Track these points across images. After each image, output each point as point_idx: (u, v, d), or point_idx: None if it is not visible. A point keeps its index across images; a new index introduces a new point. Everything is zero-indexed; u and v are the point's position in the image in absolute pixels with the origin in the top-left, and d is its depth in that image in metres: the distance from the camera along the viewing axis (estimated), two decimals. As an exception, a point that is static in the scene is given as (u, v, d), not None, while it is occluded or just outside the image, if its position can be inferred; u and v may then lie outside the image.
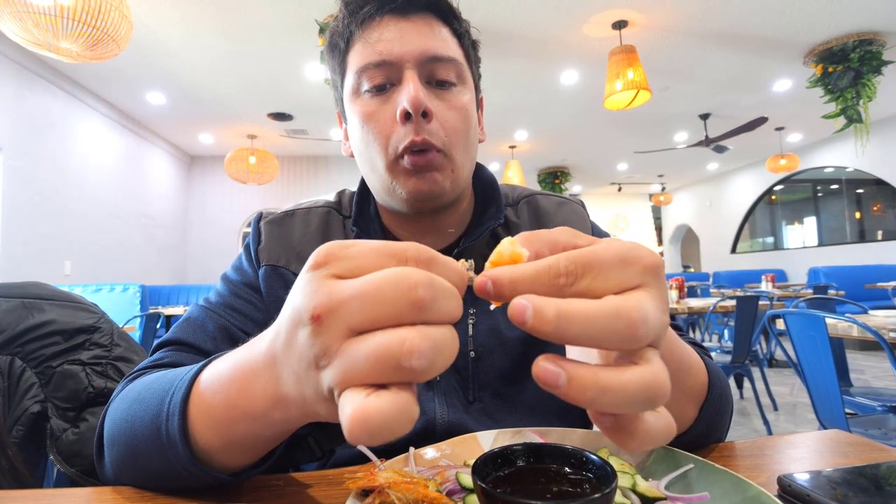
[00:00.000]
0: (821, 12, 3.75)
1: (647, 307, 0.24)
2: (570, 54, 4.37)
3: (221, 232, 7.53)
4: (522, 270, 0.25)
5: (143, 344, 3.13)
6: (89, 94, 5.04)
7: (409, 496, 0.32)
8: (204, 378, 0.36)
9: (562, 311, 0.23)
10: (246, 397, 0.31)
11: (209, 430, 0.35)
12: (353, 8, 0.57)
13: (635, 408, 0.23)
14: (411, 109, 0.53)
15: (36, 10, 2.26)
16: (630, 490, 0.34)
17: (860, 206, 7.84)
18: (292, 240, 0.64)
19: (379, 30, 0.56)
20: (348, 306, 0.23)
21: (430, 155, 0.55)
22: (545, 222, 0.68)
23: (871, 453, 0.45)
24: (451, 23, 0.59)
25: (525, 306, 0.23)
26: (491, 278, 0.25)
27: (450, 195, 0.60)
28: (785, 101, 5.61)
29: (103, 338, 0.74)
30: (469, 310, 0.60)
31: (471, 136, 0.60)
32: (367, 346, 0.22)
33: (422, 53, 0.55)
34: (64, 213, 4.68)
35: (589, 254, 0.25)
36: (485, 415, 0.58)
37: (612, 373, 0.23)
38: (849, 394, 1.99)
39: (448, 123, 0.56)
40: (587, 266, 0.25)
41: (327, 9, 3.59)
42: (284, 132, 6.30)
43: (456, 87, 0.58)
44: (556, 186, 8.47)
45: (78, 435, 0.67)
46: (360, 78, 0.57)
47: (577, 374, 0.23)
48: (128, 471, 0.42)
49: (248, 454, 0.37)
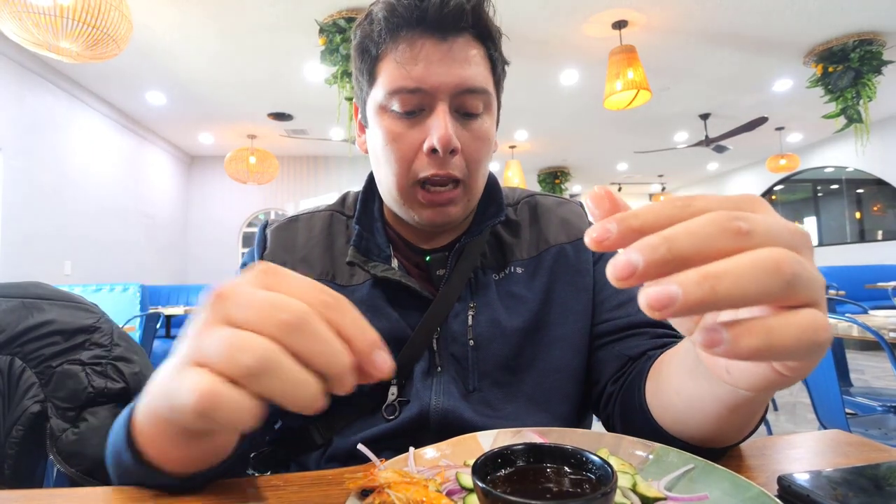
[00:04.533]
0: (821, 12, 3.75)
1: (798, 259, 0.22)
2: (570, 54, 4.37)
3: (221, 232, 7.53)
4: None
5: (143, 344, 3.14)
6: (89, 94, 5.04)
7: (409, 496, 0.32)
8: (136, 420, 0.37)
9: (709, 272, 0.20)
10: (158, 439, 0.36)
11: (153, 450, 0.37)
12: (394, 23, 0.55)
13: (803, 349, 0.22)
14: (440, 148, 0.54)
15: (36, 10, 2.26)
16: (630, 490, 0.34)
17: (860, 206, 7.84)
18: (297, 244, 0.65)
19: (416, 51, 0.54)
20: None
21: (449, 194, 0.57)
22: (544, 220, 0.69)
23: (871, 453, 0.45)
24: (488, 47, 0.59)
25: (668, 288, 0.20)
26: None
27: (461, 219, 0.62)
28: (785, 101, 5.60)
29: (103, 338, 0.74)
30: (470, 303, 0.61)
31: (488, 158, 0.61)
32: (224, 337, 0.25)
33: (457, 86, 0.55)
34: (64, 213, 4.68)
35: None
36: (484, 404, 0.59)
37: (779, 316, 0.21)
38: (849, 394, 1.99)
39: (471, 155, 0.58)
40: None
41: (327, 9, 3.59)
42: (284, 132, 6.30)
43: (481, 116, 0.59)
44: (556, 186, 8.47)
45: (78, 435, 0.67)
46: (391, 98, 0.56)
47: (738, 325, 0.21)
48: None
49: (196, 465, 0.38)
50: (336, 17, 3.62)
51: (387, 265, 0.62)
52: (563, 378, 0.61)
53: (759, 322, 0.21)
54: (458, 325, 0.60)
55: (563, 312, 0.63)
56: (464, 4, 0.54)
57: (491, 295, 0.62)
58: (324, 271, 0.63)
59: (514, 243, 0.66)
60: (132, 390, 0.74)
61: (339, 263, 0.64)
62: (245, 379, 0.24)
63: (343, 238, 0.66)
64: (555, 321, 0.62)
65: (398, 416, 0.57)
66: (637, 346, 0.59)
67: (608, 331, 0.62)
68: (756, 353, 0.21)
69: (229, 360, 0.24)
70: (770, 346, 0.21)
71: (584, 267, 0.66)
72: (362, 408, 0.58)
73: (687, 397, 0.42)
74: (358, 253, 0.63)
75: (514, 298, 0.63)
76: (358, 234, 0.63)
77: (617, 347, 0.61)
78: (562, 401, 0.61)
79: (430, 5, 0.53)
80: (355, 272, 0.63)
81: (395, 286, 0.61)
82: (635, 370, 0.56)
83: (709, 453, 0.40)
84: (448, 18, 0.53)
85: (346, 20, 3.58)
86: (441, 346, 0.60)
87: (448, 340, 0.60)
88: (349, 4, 3.56)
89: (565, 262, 0.65)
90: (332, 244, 0.65)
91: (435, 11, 0.53)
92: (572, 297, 0.64)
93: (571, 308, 0.63)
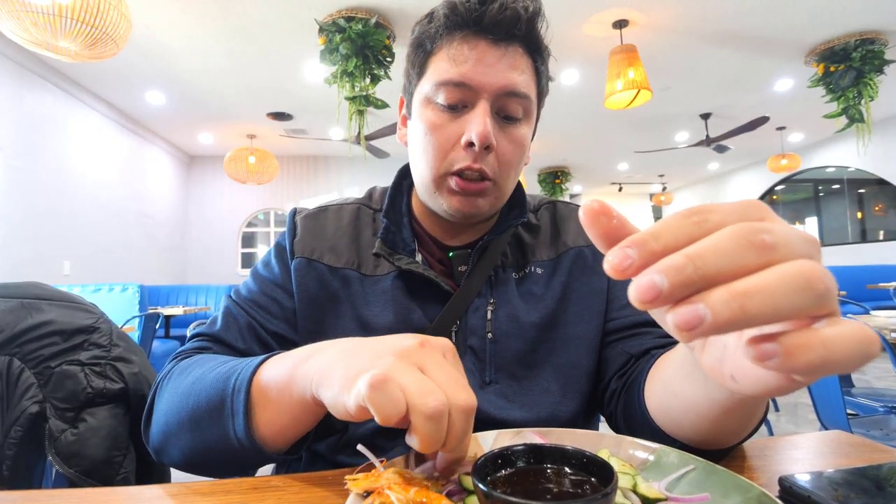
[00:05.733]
0: (822, 11, 3.75)
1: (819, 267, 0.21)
2: (571, 54, 4.37)
3: (221, 232, 7.53)
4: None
5: (142, 344, 3.13)
6: (89, 94, 5.04)
7: (409, 497, 0.31)
8: (264, 373, 0.45)
9: (738, 290, 0.20)
10: (291, 396, 0.42)
11: (264, 410, 0.44)
12: (453, 21, 0.58)
13: (857, 361, 0.21)
14: (477, 142, 0.56)
15: (34, 10, 2.26)
16: (631, 491, 0.34)
17: (862, 206, 7.83)
18: (326, 234, 0.68)
19: (469, 50, 0.57)
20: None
21: (480, 185, 0.59)
22: (564, 225, 0.72)
23: (872, 454, 0.45)
24: (535, 60, 0.61)
25: (696, 308, 0.20)
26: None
27: (487, 215, 0.64)
28: (786, 101, 5.60)
29: (102, 338, 0.74)
30: (490, 298, 0.64)
31: (521, 165, 0.63)
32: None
33: (501, 88, 0.57)
34: (63, 213, 4.68)
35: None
36: (500, 396, 0.61)
37: (828, 328, 0.21)
38: (850, 394, 1.99)
39: (505, 157, 0.60)
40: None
41: (327, 8, 3.59)
42: (284, 132, 6.30)
43: (520, 121, 0.61)
44: (556, 186, 8.46)
45: (77, 436, 0.67)
46: (437, 90, 0.59)
47: (792, 339, 0.20)
48: (178, 440, 0.49)
49: (291, 432, 0.45)
50: (336, 16, 3.62)
51: (411, 259, 0.64)
52: (578, 375, 0.63)
53: (813, 335, 0.20)
54: (477, 319, 0.63)
55: (579, 312, 0.65)
56: (521, 13, 0.57)
57: (510, 292, 0.65)
58: (350, 260, 0.65)
59: (534, 245, 0.69)
60: (131, 391, 0.74)
61: (364, 254, 0.66)
62: (417, 414, 0.32)
63: (369, 230, 0.68)
64: (571, 319, 0.65)
65: None
66: (640, 345, 0.60)
67: (614, 329, 0.64)
68: (811, 368, 0.20)
69: (419, 396, 0.32)
70: (825, 360, 0.20)
71: (600, 269, 0.67)
72: None
73: (684, 400, 0.42)
74: (384, 245, 0.65)
75: (533, 296, 0.65)
76: (385, 228, 0.66)
77: (621, 345, 0.63)
78: (574, 397, 0.63)
79: (490, 8, 0.56)
80: (380, 263, 0.65)
81: (417, 279, 0.63)
82: (638, 368, 0.57)
83: (710, 454, 0.40)
84: (504, 22, 0.57)
85: (345, 20, 3.58)
86: (460, 339, 0.62)
87: (467, 333, 0.62)
88: (349, 4, 3.56)
89: (583, 264, 0.68)
90: (359, 235, 0.68)
91: (493, 15, 0.56)
92: (588, 298, 0.66)
93: (587, 307, 0.65)
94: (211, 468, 0.50)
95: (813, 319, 0.21)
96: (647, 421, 0.49)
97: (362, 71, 3.67)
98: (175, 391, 0.51)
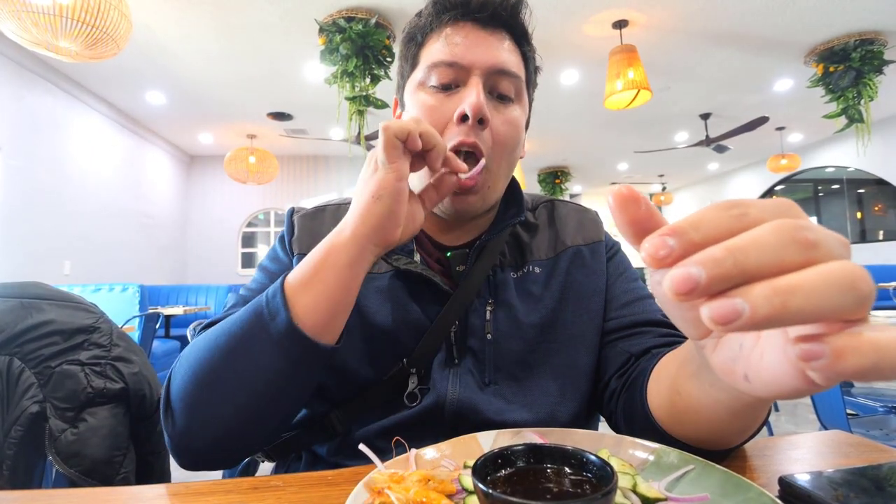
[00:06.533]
0: (822, 12, 3.75)
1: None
2: (570, 54, 4.37)
3: (221, 232, 7.52)
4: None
5: (142, 344, 3.13)
6: (89, 94, 5.03)
7: (409, 496, 0.31)
8: (291, 275, 0.49)
9: (781, 287, 0.19)
10: (325, 263, 0.48)
11: (302, 295, 0.47)
12: (440, 8, 0.61)
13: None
14: (470, 113, 0.56)
15: (35, 10, 2.26)
16: (630, 490, 0.34)
17: (861, 206, 7.83)
18: (323, 232, 0.68)
19: (458, 33, 0.60)
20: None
21: (469, 181, 0.59)
22: (561, 223, 0.71)
23: (872, 454, 0.45)
24: (522, 45, 0.64)
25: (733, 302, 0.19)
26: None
27: (480, 211, 0.64)
28: (786, 101, 5.60)
29: (102, 338, 0.74)
30: (489, 299, 0.64)
31: (515, 151, 0.64)
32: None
33: (492, 66, 0.59)
34: (63, 213, 4.68)
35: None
36: (500, 397, 0.61)
37: (874, 332, 0.20)
38: (850, 394, 1.99)
39: (499, 135, 0.60)
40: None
41: (327, 8, 3.59)
42: (284, 132, 6.29)
43: (513, 102, 0.62)
44: (556, 186, 8.46)
45: (77, 435, 0.67)
46: (429, 72, 0.61)
47: (841, 340, 0.19)
48: (213, 393, 0.48)
49: (333, 309, 0.48)
50: (336, 16, 3.62)
51: (409, 258, 0.64)
52: (577, 375, 0.63)
53: (863, 338, 0.19)
54: (476, 319, 0.63)
55: (578, 312, 0.65)
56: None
57: (509, 292, 0.65)
58: None
59: (532, 244, 0.69)
60: (131, 390, 0.74)
61: None
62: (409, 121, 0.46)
63: None
64: (570, 320, 0.64)
65: (419, 404, 0.59)
66: (640, 344, 0.60)
67: (614, 328, 0.64)
68: (861, 373, 0.19)
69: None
70: (877, 365, 0.19)
71: (598, 269, 0.68)
72: (383, 396, 0.60)
73: (688, 400, 0.42)
74: None
75: (532, 296, 0.65)
76: None
77: (621, 344, 0.63)
78: (574, 397, 0.63)
79: None
80: (378, 262, 0.65)
81: (415, 279, 0.63)
82: (638, 367, 0.57)
83: (710, 454, 0.40)
84: (490, 3, 0.60)
85: (345, 20, 3.58)
86: (459, 340, 0.62)
87: (466, 334, 0.62)
88: (349, 4, 3.56)
89: (581, 263, 0.68)
90: None
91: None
92: (587, 298, 0.66)
93: (586, 307, 0.65)
94: (251, 417, 0.49)
95: (846, 323, 0.20)
96: (649, 420, 0.48)
97: (362, 71, 3.67)
98: (198, 350, 0.50)
